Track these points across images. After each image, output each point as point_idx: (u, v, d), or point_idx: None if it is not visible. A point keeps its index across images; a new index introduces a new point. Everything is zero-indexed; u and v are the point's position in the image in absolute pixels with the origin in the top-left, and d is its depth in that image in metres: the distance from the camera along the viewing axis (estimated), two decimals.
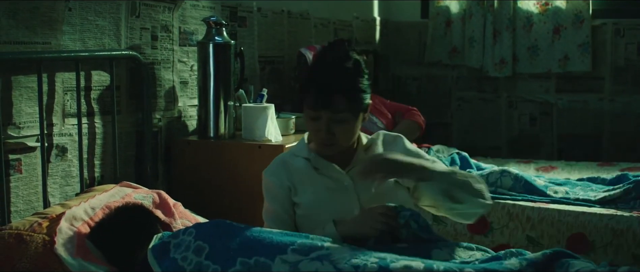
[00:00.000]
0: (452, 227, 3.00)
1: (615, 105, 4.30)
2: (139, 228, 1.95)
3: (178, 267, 1.75)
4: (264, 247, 1.76)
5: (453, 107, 4.69)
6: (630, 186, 2.93)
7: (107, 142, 2.49)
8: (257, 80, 3.34)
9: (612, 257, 2.74)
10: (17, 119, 2.16)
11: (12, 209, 2.15)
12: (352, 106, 1.96)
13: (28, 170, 2.20)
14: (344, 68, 1.97)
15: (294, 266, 1.70)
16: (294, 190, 2.02)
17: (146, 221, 2.00)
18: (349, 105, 1.95)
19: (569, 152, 4.35)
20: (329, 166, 2.03)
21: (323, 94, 1.94)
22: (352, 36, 4.28)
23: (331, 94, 1.93)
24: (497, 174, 3.12)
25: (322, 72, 1.99)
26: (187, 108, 2.89)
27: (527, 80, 4.48)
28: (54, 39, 2.26)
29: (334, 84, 1.94)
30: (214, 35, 2.73)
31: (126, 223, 1.97)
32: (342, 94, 1.94)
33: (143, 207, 2.07)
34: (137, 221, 1.98)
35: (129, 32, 2.57)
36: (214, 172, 2.69)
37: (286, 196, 2.00)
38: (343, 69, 1.97)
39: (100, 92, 2.47)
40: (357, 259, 1.68)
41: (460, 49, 4.55)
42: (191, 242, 1.78)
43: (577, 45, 4.27)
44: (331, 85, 1.94)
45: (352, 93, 1.96)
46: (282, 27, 3.59)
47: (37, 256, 1.82)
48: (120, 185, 2.30)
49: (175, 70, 2.82)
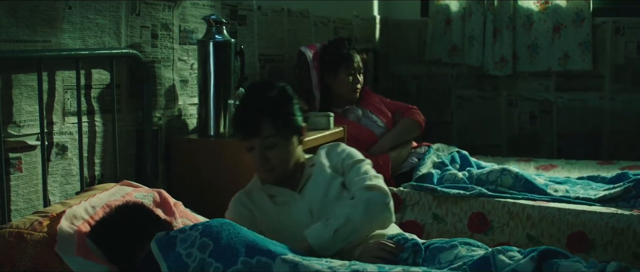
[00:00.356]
0: (452, 226, 3.00)
1: (615, 103, 4.30)
2: (140, 227, 1.95)
3: (182, 264, 1.76)
4: (266, 247, 1.78)
5: (453, 106, 4.69)
6: (630, 185, 2.93)
7: (107, 140, 2.49)
8: (257, 79, 3.34)
9: (613, 256, 2.74)
10: (17, 117, 2.15)
11: (12, 207, 2.14)
12: (281, 130, 2.15)
13: (28, 169, 2.20)
14: (267, 96, 2.17)
15: (294, 266, 1.70)
16: (255, 221, 2.20)
17: (146, 220, 2.00)
18: (277, 130, 2.14)
19: (569, 151, 4.35)
20: (280, 190, 2.22)
21: (250, 124, 2.13)
22: (352, 34, 4.27)
23: (258, 122, 2.12)
24: (497, 173, 3.13)
25: (248, 104, 2.19)
26: (187, 107, 2.89)
27: (527, 79, 4.48)
28: (54, 37, 2.26)
29: (259, 111, 2.14)
30: (214, 34, 2.72)
31: (126, 222, 1.96)
32: (268, 120, 2.13)
33: (143, 206, 2.06)
34: (138, 220, 1.98)
35: (129, 31, 2.57)
36: (214, 171, 2.69)
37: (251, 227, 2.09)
38: (266, 98, 2.17)
39: (100, 90, 2.46)
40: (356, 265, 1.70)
41: (460, 48, 4.54)
42: (197, 238, 1.80)
43: (578, 44, 4.27)
44: (256, 113, 2.13)
45: (278, 117, 2.14)
46: (282, 25, 3.59)
47: (37, 255, 1.81)
48: (121, 184, 2.30)
49: (176, 69, 2.81)
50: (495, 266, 1.74)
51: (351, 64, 3.46)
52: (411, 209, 3.10)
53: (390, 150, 3.40)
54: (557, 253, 1.76)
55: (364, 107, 3.56)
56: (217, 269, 1.75)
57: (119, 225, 1.96)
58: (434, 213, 3.06)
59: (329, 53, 3.49)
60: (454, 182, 3.16)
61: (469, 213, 3.00)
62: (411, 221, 3.05)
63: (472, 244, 1.96)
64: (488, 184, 3.10)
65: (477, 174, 3.18)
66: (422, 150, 3.53)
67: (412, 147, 3.56)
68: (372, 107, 3.58)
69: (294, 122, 2.18)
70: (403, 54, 4.78)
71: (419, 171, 3.29)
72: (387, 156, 3.35)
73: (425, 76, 4.75)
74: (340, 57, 3.46)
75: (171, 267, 1.78)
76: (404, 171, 3.41)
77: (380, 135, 3.46)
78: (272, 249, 1.78)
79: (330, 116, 3.05)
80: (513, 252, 1.82)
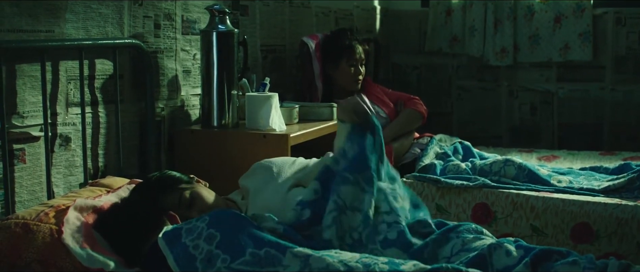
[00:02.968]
0: (455, 217, 2.99)
1: (616, 94, 4.29)
2: (145, 219, 1.94)
3: (189, 255, 1.75)
4: (274, 240, 1.76)
5: (453, 96, 4.67)
6: (634, 175, 2.93)
7: (111, 131, 2.47)
8: (259, 70, 3.32)
9: (617, 247, 2.74)
10: (20, 108, 2.13)
11: (16, 199, 2.13)
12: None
13: (32, 160, 2.18)
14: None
15: (304, 260, 1.69)
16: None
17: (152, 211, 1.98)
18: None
19: (570, 141, 4.35)
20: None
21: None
22: (353, 25, 4.25)
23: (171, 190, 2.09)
24: (500, 163, 3.12)
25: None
26: (189, 97, 2.87)
27: (528, 70, 4.46)
28: (57, 27, 2.24)
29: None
30: (217, 24, 2.70)
31: (132, 216, 1.95)
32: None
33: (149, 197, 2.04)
34: (143, 211, 1.97)
35: (131, 21, 2.55)
36: (217, 162, 2.67)
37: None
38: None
39: (103, 81, 2.45)
40: (368, 258, 1.69)
41: (460, 38, 4.53)
42: (204, 229, 1.78)
43: (578, 34, 4.26)
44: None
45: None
46: (284, 15, 3.57)
47: (44, 246, 1.80)
48: (130, 182, 2.27)
49: (178, 59, 2.79)
50: (492, 266, 1.73)
51: (353, 55, 3.44)
52: None
53: (392, 141, 3.39)
54: (551, 253, 1.73)
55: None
56: (225, 261, 1.74)
57: (124, 217, 1.94)
58: (438, 204, 3.05)
59: (331, 44, 3.47)
60: (457, 173, 3.15)
61: (472, 204, 2.99)
62: None
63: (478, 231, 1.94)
64: (491, 174, 3.09)
65: (480, 164, 3.17)
66: (424, 141, 3.52)
67: (415, 138, 3.55)
68: (374, 97, 3.56)
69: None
70: (403, 45, 4.76)
71: (422, 161, 3.28)
72: (390, 146, 3.33)
73: (425, 67, 4.73)
74: (342, 48, 3.44)
75: (178, 259, 1.77)
76: (406, 162, 3.40)
77: (382, 125, 3.44)
78: (281, 242, 1.76)
79: (333, 107, 3.04)
80: (510, 246, 1.79)
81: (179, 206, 2.04)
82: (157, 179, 2.11)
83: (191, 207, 2.06)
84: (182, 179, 2.12)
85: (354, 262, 1.66)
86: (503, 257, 1.74)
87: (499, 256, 1.74)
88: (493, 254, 1.75)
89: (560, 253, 1.73)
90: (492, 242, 1.81)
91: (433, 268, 1.63)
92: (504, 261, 1.74)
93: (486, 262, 1.74)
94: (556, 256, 1.71)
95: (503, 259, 1.74)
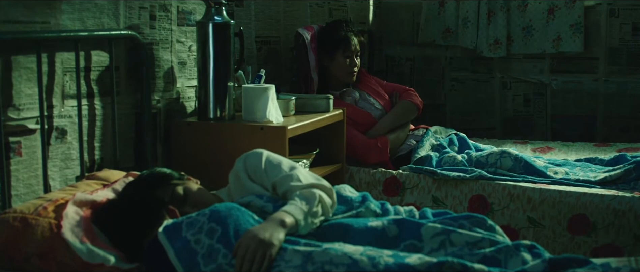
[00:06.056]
0: (452, 208, 2.99)
1: (610, 86, 4.30)
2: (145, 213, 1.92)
3: (191, 250, 1.73)
4: None
5: (446, 88, 4.67)
6: (630, 167, 2.94)
7: (107, 124, 2.45)
8: (254, 61, 3.30)
9: (614, 238, 2.75)
10: (16, 100, 2.11)
11: (12, 193, 2.10)
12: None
13: (28, 153, 2.15)
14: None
15: (307, 255, 1.67)
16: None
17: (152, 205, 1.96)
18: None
19: (563, 133, 4.36)
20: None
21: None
22: (347, 16, 4.23)
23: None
24: (496, 155, 3.12)
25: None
26: (185, 89, 2.85)
27: (521, 61, 4.46)
28: (53, 18, 2.21)
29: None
30: (214, 15, 2.67)
31: (132, 210, 1.93)
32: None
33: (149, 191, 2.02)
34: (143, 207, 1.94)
35: (127, 12, 2.52)
36: (214, 154, 2.65)
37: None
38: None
39: (99, 73, 2.42)
40: (372, 251, 1.67)
41: (454, 30, 4.52)
42: (204, 224, 1.76)
43: (570, 26, 4.26)
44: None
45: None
46: (278, 7, 3.54)
47: (43, 240, 1.77)
48: (128, 175, 2.24)
49: (174, 51, 2.77)
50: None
51: (349, 46, 3.43)
52: (410, 192, 3.09)
53: (388, 132, 3.38)
54: (569, 261, 1.66)
55: (361, 89, 3.54)
56: (226, 256, 1.72)
57: (125, 212, 1.92)
58: (434, 196, 3.05)
59: (327, 35, 3.45)
60: (453, 165, 3.15)
61: (469, 196, 2.99)
62: (410, 203, 3.03)
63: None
64: (487, 166, 3.09)
65: (477, 156, 3.17)
66: (420, 132, 3.51)
67: (410, 130, 3.54)
68: (369, 89, 3.55)
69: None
70: (397, 36, 4.75)
71: (418, 153, 3.27)
72: (386, 138, 3.33)
73: (419, 58, 4.72)
74: (337, 40, 3.42)
75: (179, 253, 1.75)
76: (402, 154, 3.39)
77: (377, 117, 3.43)
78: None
79: (329, 99, 3.02)
80: (526, 254, 1.71)
81: (172, 201, 2.01)
82: (148, 176, 2.08)
83: (184, 202, 2.04)
84: (173, 175, 2.10)
85: (358, 255, 1.64)
86: (518, 265, 1.68)
87: (515, 264, 1.68)
88: (508, 262, 1.70)
89: (578, 261, 1.67)
90: (508, 245, 1.73)
91: (438, 261, 1.61)
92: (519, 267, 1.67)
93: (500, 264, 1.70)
94: (574, 263, 1.65)
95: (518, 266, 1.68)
